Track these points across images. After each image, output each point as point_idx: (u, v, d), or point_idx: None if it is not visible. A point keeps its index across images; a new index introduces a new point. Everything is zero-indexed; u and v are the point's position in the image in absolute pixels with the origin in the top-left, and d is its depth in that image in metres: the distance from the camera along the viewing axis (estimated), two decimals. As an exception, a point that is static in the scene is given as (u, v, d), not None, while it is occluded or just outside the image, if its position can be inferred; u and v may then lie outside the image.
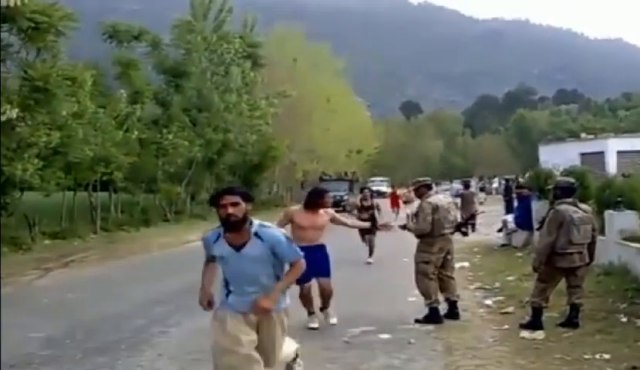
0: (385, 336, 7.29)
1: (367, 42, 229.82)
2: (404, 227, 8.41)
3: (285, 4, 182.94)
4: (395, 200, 30.12)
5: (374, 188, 54.78)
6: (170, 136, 26.78)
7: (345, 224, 8.50)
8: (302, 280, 7.09)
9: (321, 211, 7.74)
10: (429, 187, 8.32)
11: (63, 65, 19.53)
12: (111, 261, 16.48)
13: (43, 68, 18.20)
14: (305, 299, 7.69)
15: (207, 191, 34.64)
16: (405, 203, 26.54)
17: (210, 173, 33.34)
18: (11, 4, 13.40)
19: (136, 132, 24.69)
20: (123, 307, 9.44)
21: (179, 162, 28.24)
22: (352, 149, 58.12)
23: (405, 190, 30.10)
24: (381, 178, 66.48)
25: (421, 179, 8.62)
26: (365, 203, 13.73)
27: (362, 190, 15.18)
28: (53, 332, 7.89)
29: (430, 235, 7.94)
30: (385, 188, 57.70)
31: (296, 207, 8.05)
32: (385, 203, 22.58)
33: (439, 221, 7.90)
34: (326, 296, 7.82)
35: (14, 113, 14.75)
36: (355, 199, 35.17)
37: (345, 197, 37.52)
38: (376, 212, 13.42)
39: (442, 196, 8.43)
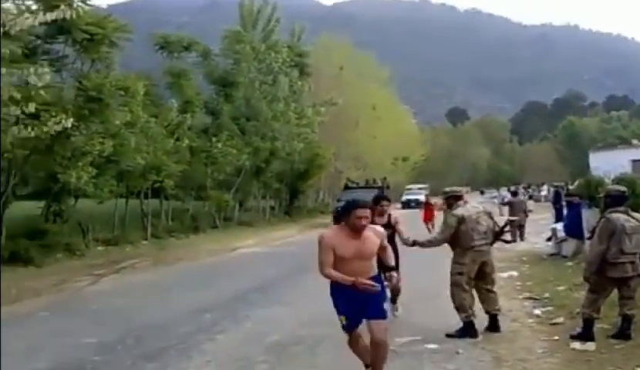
0: (433, 346, 7.24)
1: (414, 50, 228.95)
2: (413, 244, 8.26)
3: (333, 13, 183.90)
4: (429, 212, 24.41)
5: (411, 197, 51.60)
6: (220, 145, 27.15)
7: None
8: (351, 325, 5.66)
9: (368, 233, 5.59)
10: (459, 198, 8.19)
11: (116, 75, 20.04)
12: (161, 268, 16.77)
13: (97, 79, 18.69)
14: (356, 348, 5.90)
15: (254, 198, 35.01)
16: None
17: (258, 181, 33.66)
18: (67, 16, 13.74)
19: (186, 141, 25.08)
20: (172, 314, 9.61)
21: (227, 170, 28.59)
22: (397, 157, 57.61)
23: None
24: (419, 185, 57.36)
25: (448, 189, 8.50)
26: (379, 221, 8.15)
27: (376, 202, 8.68)
28: (104, 338, 8.09)
29: (460, 246, 7.85)
30: (424, 197, 50.67)
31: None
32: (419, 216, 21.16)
33: (466, 233, 7.78)
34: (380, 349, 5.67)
35: (69, 123, 15.07)
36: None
37: None
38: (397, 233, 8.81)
39: (470, 207, 8.24)
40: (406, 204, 49.52)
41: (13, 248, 16.48)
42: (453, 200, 8.13)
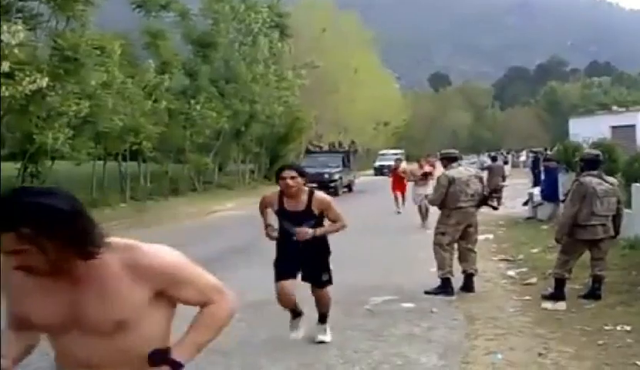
0: (408, 305, 7.37)
1: (398, 14, 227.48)
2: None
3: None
4: (398, 182, 18.76)
5: (384, 163, 45.34)
6: (198, 107, 26.94)
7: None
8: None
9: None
10: (453, 160, 8.29)
11: (92, 34, 19.72)
12: (140, 230, 16.70)
13: (73, 38, 18.43)
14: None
15: (234, 162, 34.87)
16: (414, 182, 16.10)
17: (237, 145, 33.53)
18: (41, -27, 13.58)
19: (164, 103, 24.82)
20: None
21: (207, 133, 28.43)
22: (379, 122, 57.50)
23: (414, 165, 19.09)
24: (394, 151, 50.82)
25: (445, 151, 8.63)
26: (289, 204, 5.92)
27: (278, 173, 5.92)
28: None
29: (446, 207, 7.99)
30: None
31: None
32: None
33: (454, 194, 7.91)
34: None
35: (44, 82, 14.96)
36: (351, 176, 31.09)
37: (337, 176, 28.19)
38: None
39: (463, 169, 8.36)
40: (379, 171, 45.84)
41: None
42: (447, 161, 8.27)
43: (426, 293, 7.82)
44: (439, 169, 9.66)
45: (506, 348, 5.76)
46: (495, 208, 9.87)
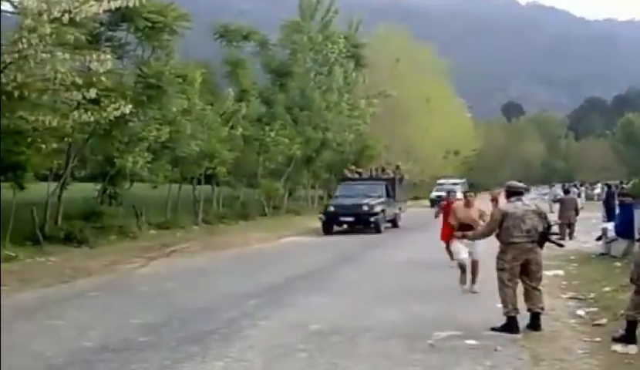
0: (471, 342, 7.27)
1: (471, 42, 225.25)
2: (463, 236, 9.24)
3: (392, 5, 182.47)
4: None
5: (441, 194, 42.37)
6: (272, 134, 27.56)
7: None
8: None
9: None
10: (515, 194, 8.15)
11: (176, 63, 20.50)
12: (210, 253, 17.13)
13: (157, 66, 19.22)
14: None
15: (304, 188, 35.27)
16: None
17: (308, 171, 33.94)
18: (130, 4, 14.23)
19: (240, 129, 25.54)
20: (218, 299, 9.89)
21: (279, 159, 29.00)
22: (449, 151, 56.89)
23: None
24: (454, 180, 47.05)
25: (511, 183, 8.44)
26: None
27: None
28: (151, 319, 8.40)
29: (501, 242, 7.92)
30: (460, 194, 43.48)
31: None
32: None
33: (507, 229, 7.81)
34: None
35: (127, 109, 15.53)
36: (396, 209, 25.86)
37: (378, 208, 23.26)
38: None
39: (520, 204, 8.11)
40: (436, 202, 41.19)
41: (68, 229, 17.12)
42: (509, 194, 8.19)
43: (492, 330, 7.70)
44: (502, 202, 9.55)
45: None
46: (560, 246, 9.54)
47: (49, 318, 8.62)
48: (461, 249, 10.43)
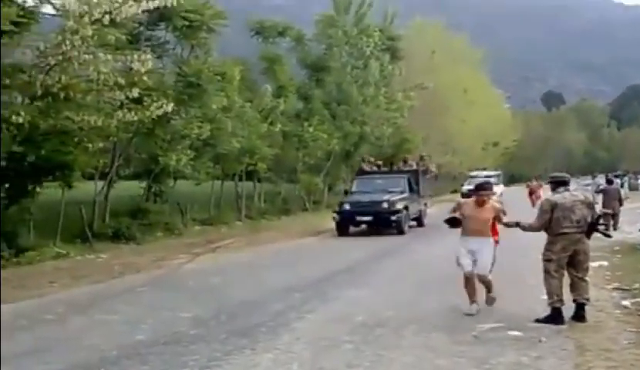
0: (516, 333, 7.33)
1: (508, 32, 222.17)
2: (517, 224, 8.41)
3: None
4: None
5: (472, 187, 44.65)
6: (311, 129, 27.75)
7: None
8: None
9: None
10: (561, 184, 8.12)
11: (214, 61, 20.82)
12: (254, 248, 17.39)
13: (196, 65, 19.55)
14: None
15: (343, 182, 35.37)
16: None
17: (347, 165, 34.02)
18: (168, 4, 14.55)
19: (279, 126, 25.78)
20: (264, 293, 10.09)
21: (318, 154, 29.12)
22: (488, 142, 56.25)
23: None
24: (487, 172, 43.84)
25: (556, 174, 8.48)
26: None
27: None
28: (199, 313, 8.63)
29: (551, 233, 7.86)
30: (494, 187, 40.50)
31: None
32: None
33: (557, 220, 7.77)
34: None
35: (170, 107, 15.84)
36: (421, 205, 22.65)
37: (400, 205, 20.32)
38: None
39: (568, 194, 8.08)
40: (467, 196, 39.36)
41: (116, 226, 17.55)
42: (554, 185, 8.14)
43: (537, 321, 7.72)
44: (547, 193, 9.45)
45: (619, 382, 5.64)
46: (608, 236, 9.43)
47: (101, 313, 8.93)
48: (464, 255, 8.34)
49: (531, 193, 33.20)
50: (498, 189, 39.26)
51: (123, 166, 21.03)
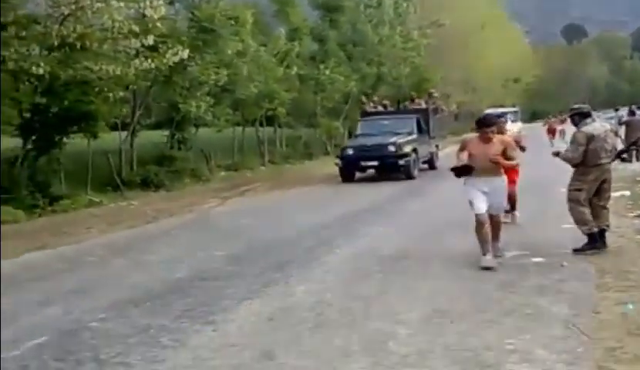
0: (539, 259, 7.60)
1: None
2: (557, 154, 8.30)
3: None
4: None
5: None
6: (327, 72, 27.64)
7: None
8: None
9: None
10: (585, 116, 8.06)
11: (225, 4, 20.70)
12: (280, 190, 17.70)
13: (207, 9, 19.47)
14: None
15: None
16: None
17: (365, 107, 33.93)
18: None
19: (295, 69, 25.71)
20: (293, 231, 10.45)
21: (336, 97, 29.10)
22: (508, 79, 55.66)
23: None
24: (503, 109, 37.68)
25: (576, 106, 8.41)
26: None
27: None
28: (233, 251, 9.01)
29: (585, 164, 7.86)
30: (509, 124, 39.52)
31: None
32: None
33: (594, 151, 7.76)
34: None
35: (185, 54, 15.88)
36: (431, 147, 21.52)
37: (408, 148, 18.93)
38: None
39: (598, 125, 8.11)
40: None
41: (144, 174, 17.96)
42: (579, 117, 8.05)
43: (575, 251, 7.78)
44: (570, 129, 9.53)
45: (637, 299, 5.88)
46: (628, 161, 9.50)
47: (140, 254, 9.33)
48: (478, 197, 7.44)
49: (550, 130, 32.92)
50: (515, 126, 38.58)
51: (144, 115, 21.29)
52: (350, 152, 19.01)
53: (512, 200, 9.78)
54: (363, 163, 18.90)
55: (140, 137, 19.76)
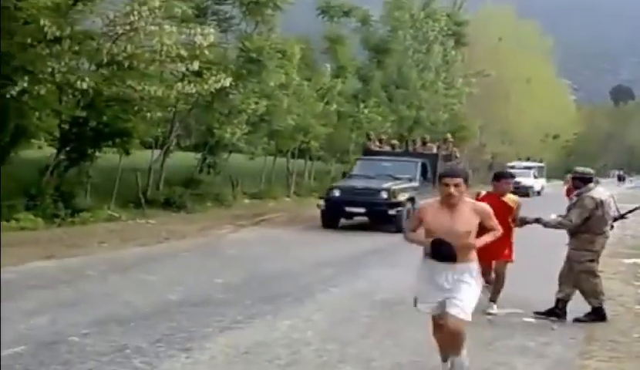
0: (529, 320, 7.51)
1: (583, 21, 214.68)
2: (536, 221, 7.71)
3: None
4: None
5: None
6: (366, 111, 27.77)
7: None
8: None
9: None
10: (588, 181, 7.69)
11: (277, 38, 21.11)
12: (297, 223, 17.72)
13: (258, 41, 19.84)
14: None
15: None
16: None
17: (399, 149, 33.95)
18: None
19: (335, 105, 25.94)
20: (297, 265, 10.56)
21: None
22: (548, 134, 55.10)
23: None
24: (527, 164, 40.99)
25: (580, 169, 7.96)
26: None
27: None
28: (232, 279, 9.16)
29: (592, 232, 7.48)
30: (532, 180, 36.42)
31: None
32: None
33: (601, 218, 7.47)
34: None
35: (227, 82, 16.18)
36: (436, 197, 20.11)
37: (404, 197, 16.41)
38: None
39: (602, 189, 7.93)
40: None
41: (169, 194, 18.26)
42: (582, 182, 7.67)
43: (576, 320, 7.48)
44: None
45: (618, 372, 5.77)
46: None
47: (141, 273, 9.53)
48: (428, 293, 5.12)
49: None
50: (537, 183, 36.85)
51: (184, 136, 21.70)
52: (336, 194, 16.50)
53: (497, 285, 7.96)
54: (349, 209, 16.24)
55: (173, 158, 20.11)
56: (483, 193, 7.87)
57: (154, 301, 7.62)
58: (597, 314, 7.57)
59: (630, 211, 8.20)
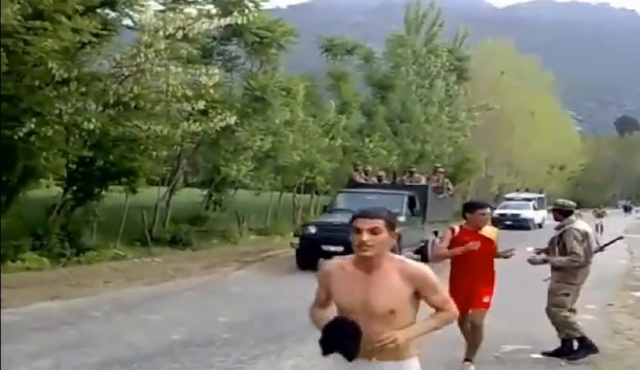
0: (537, 356, 7.43)
1: (587, 54, 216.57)
2: (544, 262, 7.41)
3: (504, 16, 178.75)
4: (466, 269, 6.55)
5: (507, 211, 33.64)
6: (371, 145, 27.93)
7: None
8: None
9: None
10: (569, 214, 7.48)
11: (281, 76, 21.44)
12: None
13: (263, 80, 20.16)
14: None
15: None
16: None
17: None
18: (239, 21, 15.21)
19: (340, 140, 26.11)
20: (302, 303, 10.21)
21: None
22: (554, 165, 55.22)
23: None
24: (526, 195, 40.27)
25: (561, 201, 7.79)
26: None
27: None
28: (236, 318, 9.15)
29: (580, 265, 7.26)
30: (532, 212, 35.00)
31: None
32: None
33: (587, 250, 7.28)
34: None
35: (232, 120, 16.33)
36: (424, 234, 16.60)
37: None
38: None
39: (583, 222, 7.77)
40: (499, 222, 28.32)
41: (175, 231, 18.30)
42: (561, 215, 7.48)
43: (570, 359, 7.22)
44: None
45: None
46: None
47: (145, 313, 9.52)
48: None
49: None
50: (538, 215, 35.58)
51: (190, 174, 21.80)
52: (312, 231, 14.98)
53: (474, 338, 6.71)
54: (326, 247, 13.92)
55: (180, 195, 20.21)
56: (457, 228, 6.60)
57: (158, 342, 7.63)
58: (585, 347, 7.31)
59: (609, 243, 8.08)
